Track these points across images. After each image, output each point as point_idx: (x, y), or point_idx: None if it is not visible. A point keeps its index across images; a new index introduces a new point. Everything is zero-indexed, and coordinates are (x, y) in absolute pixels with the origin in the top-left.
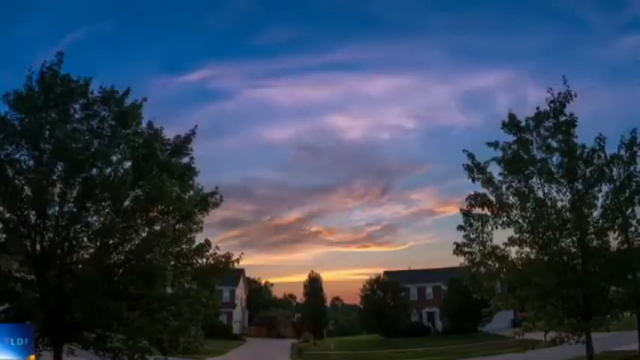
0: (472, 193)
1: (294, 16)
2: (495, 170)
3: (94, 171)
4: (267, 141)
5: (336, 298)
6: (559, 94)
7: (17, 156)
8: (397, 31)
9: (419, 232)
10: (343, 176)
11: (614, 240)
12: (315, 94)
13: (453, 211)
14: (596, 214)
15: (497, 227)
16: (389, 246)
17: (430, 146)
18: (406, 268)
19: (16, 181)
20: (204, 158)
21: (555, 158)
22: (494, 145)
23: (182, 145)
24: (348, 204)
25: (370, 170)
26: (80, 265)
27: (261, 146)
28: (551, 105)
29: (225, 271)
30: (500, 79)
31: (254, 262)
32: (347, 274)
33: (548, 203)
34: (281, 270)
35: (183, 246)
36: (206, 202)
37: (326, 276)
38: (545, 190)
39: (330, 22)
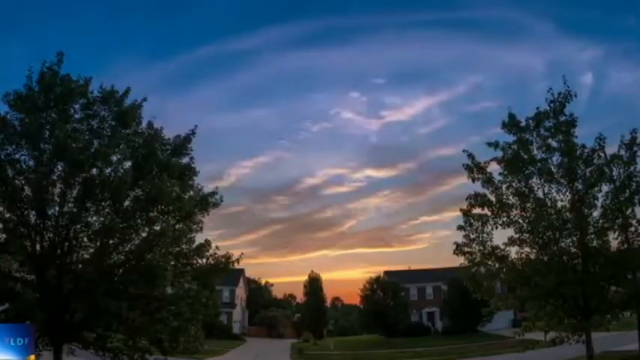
0: (472, 192)
1: None
2: (496, 170)
3: (94, 171)
4: (307, 120)
5: (336, 298)
6: (559, 94)
7: (17, 156)
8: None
9: (441, 229)
10: (383, 166)
11: (614, 240)
12: (365, 63)
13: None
14: (596, 214)
15: (497, 227)
16: (410, 244)
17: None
18: (406, 268)
19: (16, 181)
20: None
21: (555, 158)
22: (495, 145)
23: (182, 145)
24: (380, 201)
25: (414, 159)
26: (80, 265)
27: (296, 129)
28: (551, 105)
29: (225, 271)
30: (591, 57)
31: (265, 261)
32: (362, 273)
33: (548, 203)
34: (290, 269)
35: (184, 246)
36: (206, 202)
37: (341, 275)
38: (545, 190)
39: None
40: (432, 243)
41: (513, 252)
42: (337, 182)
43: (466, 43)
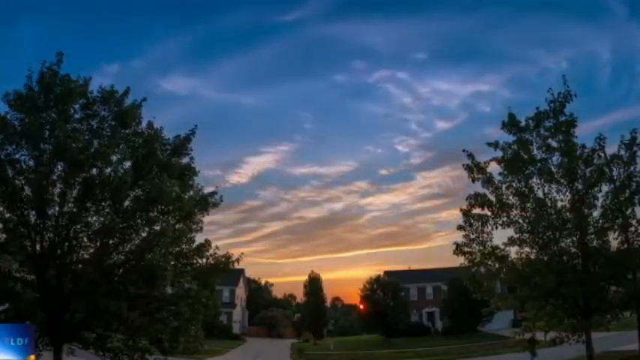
0: (472, 192)
1: None
2: (496, 170)
3: (94, 171)
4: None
5: (336, 298)
6: (559, 94)
7: (17, 156)
8: None
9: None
10: (413, 159)
11: (614, 240)
12: (409, 40)
13: None
14: (596, 214)
15: (497, 227)
16: (427, 242)
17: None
18: (406, 268)
19: (16, 181)
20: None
21: (555, 158)
22: (495, 145)
23: (182, 145)
24: (402, 197)
25: (447, 150)
26: (80, 265)
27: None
28: (551, 105)
29: (225, 271)
30: None
31: (271, 261)
32: (367, 272)
33: (548, 203)
34: (296, 268)
35: (184, 246)
36: (206, 202)
37: (348, 275)
38: (545, 190)
39: None
40: (449, 242)
41: (513, 252)
42: (357, 177)
43: (532, 24)
